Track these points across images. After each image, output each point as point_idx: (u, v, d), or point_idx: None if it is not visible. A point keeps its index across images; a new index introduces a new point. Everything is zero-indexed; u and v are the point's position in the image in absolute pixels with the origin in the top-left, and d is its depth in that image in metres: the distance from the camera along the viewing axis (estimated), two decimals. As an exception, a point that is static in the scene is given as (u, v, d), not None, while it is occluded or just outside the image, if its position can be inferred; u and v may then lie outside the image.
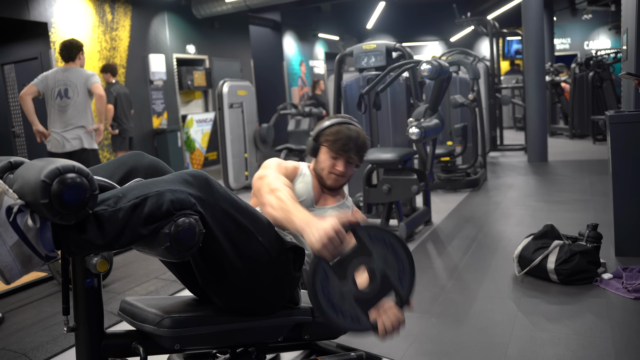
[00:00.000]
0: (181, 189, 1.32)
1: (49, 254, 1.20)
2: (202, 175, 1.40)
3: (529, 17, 7.24)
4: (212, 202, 1.38)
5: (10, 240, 1.15)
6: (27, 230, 1.16)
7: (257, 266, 1.49)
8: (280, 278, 1.56)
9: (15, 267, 1.16)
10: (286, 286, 1.59)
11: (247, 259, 1.46)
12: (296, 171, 1.90)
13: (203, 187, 1.38)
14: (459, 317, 2.61)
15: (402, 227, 3.91)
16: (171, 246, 1.28)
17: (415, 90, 4.42)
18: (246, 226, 1.45)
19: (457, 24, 10.72)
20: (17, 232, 1.15)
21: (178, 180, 1.36)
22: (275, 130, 7.24)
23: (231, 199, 1.44)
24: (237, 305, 1.56)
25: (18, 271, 1.18)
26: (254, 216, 1.49)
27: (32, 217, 1.16)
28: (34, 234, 1.17)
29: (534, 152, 7.45)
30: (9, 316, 3.00)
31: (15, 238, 1.15)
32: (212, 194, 1.39)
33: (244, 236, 1.45)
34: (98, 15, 7.36)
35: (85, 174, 1.18)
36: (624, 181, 3.29)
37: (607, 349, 2.20)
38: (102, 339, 1.42)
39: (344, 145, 1.82)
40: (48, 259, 1.21)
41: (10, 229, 1.15)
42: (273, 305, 1.60)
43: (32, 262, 1.18)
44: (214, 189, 1.40)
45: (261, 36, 12.01)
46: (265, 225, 1.51)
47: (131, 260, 3.88)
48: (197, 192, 1.36)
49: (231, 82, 6.52)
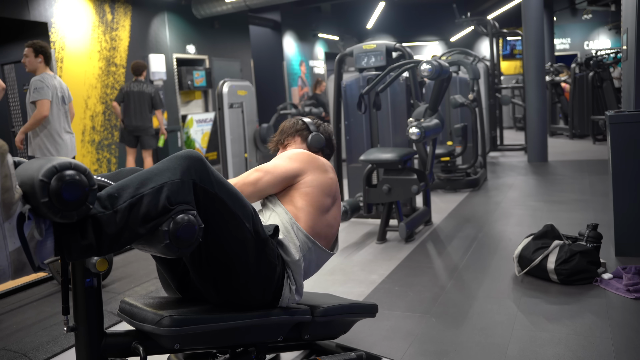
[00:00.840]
0: (174, 179, 1.35)
1: (40, 265, 1.21)
2: (197, 157, 1.44)
3: (529, 17, 7.23)
4: (206, 187, 1.42)
5: (12, 246, 1.15)
6: (30, 239, 1.17)
7: (247, 251, 1.55)
8: (267, 264, 1.60)
9: (6, 272, 1.17)
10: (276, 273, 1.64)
11: (237, 244, 1.52)
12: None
13: (198, 170, 1.42)
14: (459, 317, 2.61)
15: (402, 227, 3.91)
16: (171, 243, 1.29)
17: (415, 90, 4.42)
18: (235, 212, 1.51)
19: (457, 24, 10.73)
20: (20, 240, 1.16)
21: (172, 166, 1.39)
22: (275, 130, 7.22)
23: (223, 184, 1.49)
24: (229, 296, 1.58)
25: (8, 277, 1.19)
26: (242, 203, 1.55)
27: (37, 228, 1.17)
28: (34, 244, 1.18)
29: (534, 152, 7.44)
30: (9, 316, 3.00)
31: (18, 244, 1.16)
32: (207, 176, 1.44)
33: (233, 223, 1.51)
34: (98, 15, 7.36)
35: (83, 169, 1.19)
36: (624, 181, 3.29)
37: (607, 349, 2.19)
38: (102, 339, 1.42)
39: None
40: (38, 269, 1.22)
41: (16, 235, 1.15)
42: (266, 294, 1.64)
43: (24, 270, 1.20)
44: (208, 171, 1.45)
45: (261, 36, 12.01)
46: (252, 212, 1.58)
47: (131, 260, 3.88)
48: (192, 175, 1.39)
49: (231, 82, 6.51)
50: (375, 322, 2.52)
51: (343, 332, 1.98)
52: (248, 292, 1.60)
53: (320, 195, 1.85)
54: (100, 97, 7.32)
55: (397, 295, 2.91)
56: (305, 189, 1.83)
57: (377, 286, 3.08)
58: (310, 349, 2.01)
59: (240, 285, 1.57)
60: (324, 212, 1.85)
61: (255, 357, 1.68)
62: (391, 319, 2.62)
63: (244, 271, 1.56)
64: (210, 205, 1.43)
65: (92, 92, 7.23)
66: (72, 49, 6.97)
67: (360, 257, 3.67)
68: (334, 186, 1.92)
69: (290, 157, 1.87)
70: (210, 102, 9.49)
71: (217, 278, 1.55)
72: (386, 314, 2.65)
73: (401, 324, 2.56)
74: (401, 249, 3.81)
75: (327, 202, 1.87)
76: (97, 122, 7.30)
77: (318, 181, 1.85)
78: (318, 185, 1.84)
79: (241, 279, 1.56)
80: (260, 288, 1.62)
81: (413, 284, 3.07)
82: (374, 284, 3.13)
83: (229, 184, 1.52)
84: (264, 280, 1.62)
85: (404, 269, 3.39)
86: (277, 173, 1.83)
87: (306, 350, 2.08)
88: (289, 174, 1.83)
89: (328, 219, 1.87)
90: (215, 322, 1.52)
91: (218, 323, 1.53)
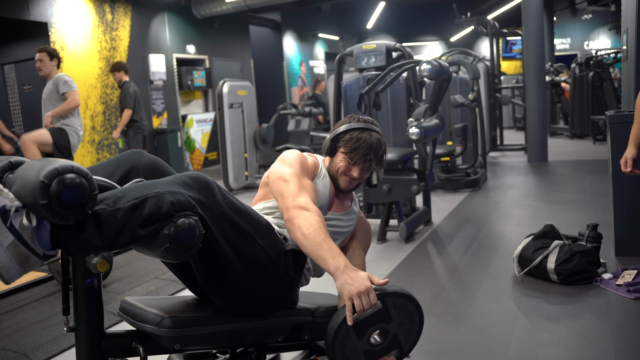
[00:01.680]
0: (181, 191, 1.32)
1: (46, 253, 1.19)
2: (202, 178, 1.40)
3: (529, 17, 7.24)
4: (211, 205, 1.38)
5: (6, 241, 1.14)
6: (23, 230, 1.15)
7: (257, 268, 1.49)
8: (279, 280, 1.56)
9: (13, 267, 1.16)
10: (285, 288, 1.60)
11: (247, 261, 1.47)
12: (316, 170, 1.81)
13: (203, 190, 1.38)
14: (459, 317, 2.61)
15: (402, 227, 3.91)
16: (171, 247, 1.28)
17: (415, 90, 4.42)
18: (246, 229, 1.45)
19: (457, 24, 10.73)
20: (12, 233, 1.15)
21: (178, 183, 1.36)
22: (275, 130, 7.24)
23: (231, 202, 1.44)
24: (236, 306, 1.56)
25: (16, 271, 1.17)
26: (254, 219, 1.49)
27: (27, 216, 1.16)
28: (30, 234, 1.16)
29: (534, 152, 7.45)
30: (9, 316, 3.00)
31: (11, 238, 1.15)
32: (212, 197, 1.39)
33: (243, 239, 1.45)
34: (98, 15, 7.36)
35: (84, 174, 1.18)
36: (624, 181, 3.29)
37: (607, 349, 2.20)
38: (102, 339, 1.42)
39: (364, 155, 1.75)
40: (46, 257, 1.20)
41: (5, 229, 1.14)
42: (272, 306, 1.60)
43: (29, 261, 1.18)
44: (214, 192, 1.40)
45: (261, 36, 12.01)
46: (265, 228, 1.52)
47: (131, 260, 3.88)
48: (197, 195, 1.35)
49: (231, 82, 6.51)
50: (375, 322, 2.52)
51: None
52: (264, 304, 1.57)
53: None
54: (100, 97, 7.32)
55: (397, 295, 2.91)
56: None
57: (377, 286, 3.08)
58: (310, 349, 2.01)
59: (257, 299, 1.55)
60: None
61: (255, 357, 1.68)
62: (391, 319, 2.62)
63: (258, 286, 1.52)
64: (217, 224, 1.39)
65: (92, 92, 7.23)
66: (72, 49, 6.97)
67: (360, 257, 3.67)
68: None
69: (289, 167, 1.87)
70: (210, 102, 9.50)
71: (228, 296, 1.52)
72: (386, 314, 2.65)
73: (401, 324, 2.56)
74: (401, 249, 3.81)
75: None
76: (97, 122, 7.30)
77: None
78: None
79: (257, 294, 1.53)
80: (279, 298, 1.60)
81: (413, 284, 3.08)
82: (374, 284, 3.13)
83: (237, 201, 1.47)
84: (281, 292, 1.59)
85: (404, 269, 3.39)
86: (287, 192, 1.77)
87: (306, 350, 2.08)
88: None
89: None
90: (215, 324, 1.52)
91: (218, 324, 1.53)
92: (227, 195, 1.44)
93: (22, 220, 1.15)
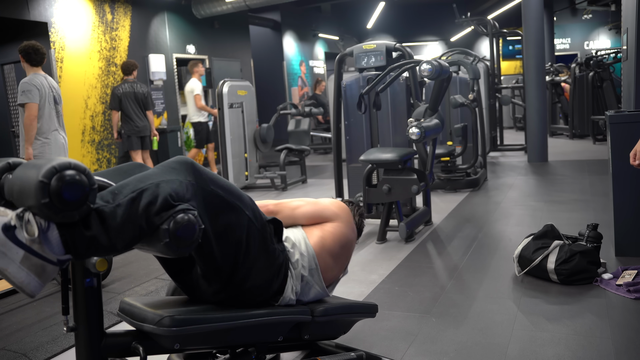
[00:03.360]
0: (172, 178, 1.39)
1: (60, 258, 1.20)
2: (186, 160, 1.49)
3: (529, 17, 7.23)
4: (202, 185, 1.46)
5: (17, 257, 1.15)
6: (31, 243, 1.16)
7: (248, 237, 1.58)
8: (266, 247, 1.65)
9: (32, 281, 1.17)
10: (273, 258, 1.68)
11: (239, 232, 1.56)
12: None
13: (191, 172, 1.45)
14: (459, 317, 2.61)
15: (402, 227, 3.91)
16: (170, 242, 1.29)
17: (415, 90, 4.41)
18: (234, 203, 1.55)
19: (457, 24, 10.73)
20: (21, 247, 1.16)
21: (166, 171, 1.42)
22: (275, 130, 7.24)
23: (217, 179, 1.54)
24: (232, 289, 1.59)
25: (37, 283, 1.18)
26: (238, 192, 1.60)
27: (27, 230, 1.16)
28: (38, 244, 1.17)
29: (534, 152, 7.44)
30: (9, 316, 3.00)
31: (22, 253, 1.16)
32: (200, 176, 1.47)
33: (234, 213, 1.54)
34: (98, 15, 7.36)
35: (82, 169, 1.19)
36: (624, 181, 3.29)
37: (607, 349, 2.19)
38: (102, 339, 1.42)
39: None
40: (61, 263, 1.21)
41: (13, 245, 1.15)
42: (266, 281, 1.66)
43: (46, 270, 1.19)
44: (200, 171, 1.48)
45: (261, 36, 12.02)
46: (248, 200, 1.63)
47: (131, 260, 3.88)
48: (186, 177, 1.43)
49: (231, 82, 6.51)
50: (375, 322, 2.52)
51: (343, 332, 1.98)
52: (253, 282, 1.62)
53: (336, 242, 1.94)
54: (100, 97, 7.32)
55: (397, 295, 2.91)
56: (327, 228, 1.94)
57: (377, 286, 3.08)
58: (310, 349, 2.01)
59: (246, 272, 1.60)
60: (331, 255, 1.92)
61: (255, 357, 1.68)
62: (391, 319, 2.62)
63: (250, 256, 1.60)
64: (210, 201, 1.48)
65: (92, 92, 7.23)
66: (72, 49, 6.97)
67: (360, 257, 3.67)
68: (349, 246, 2.02)
69: (333, 203, 2.03)
70: (210, 102, 9.49)
71: (224, 269, 1.56)
72: (386, 314, 2.65)
73: (401, 324, 2.56)
74: (401, 249, 3.81)
75: (337, 250, 1.95)
76: (97, 122, 7.30)
77: (341, 231, 1.96)
78: (339, 234, 1.95)
79: (247, 263, 1.60)
80: (265, 276, 1.66)
81: (413, 284, 3.07)
82: (374, 284, 3.13)
83: (221, 178, 1.58)
84: (268, 267, 1.67)
85: (404, 269, 3.39)
86: (316, 207, 1.97)
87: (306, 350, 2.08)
88: (324, 213, 1.97)
89: (332, 262, 1.93)
90: (215, 322, 1.52)
91: (218, 323, 1.53)
92: (212, 174, 1.53)
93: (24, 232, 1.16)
